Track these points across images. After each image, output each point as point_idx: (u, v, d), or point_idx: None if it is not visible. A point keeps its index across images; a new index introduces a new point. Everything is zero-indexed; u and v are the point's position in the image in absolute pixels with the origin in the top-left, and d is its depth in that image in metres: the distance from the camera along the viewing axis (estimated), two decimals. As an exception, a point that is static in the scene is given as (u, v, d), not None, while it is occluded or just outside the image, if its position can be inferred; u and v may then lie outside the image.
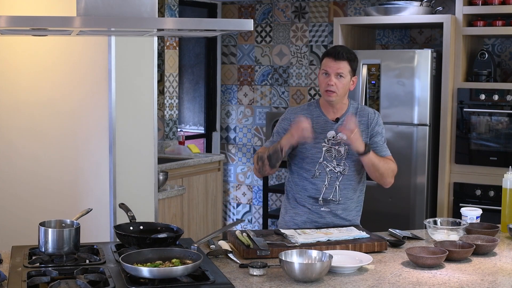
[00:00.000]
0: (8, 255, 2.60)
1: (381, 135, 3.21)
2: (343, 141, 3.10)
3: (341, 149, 3.14)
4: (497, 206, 3.55)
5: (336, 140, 3.13)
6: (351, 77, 3.12)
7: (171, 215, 4.92)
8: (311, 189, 3.17)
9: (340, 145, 3.13)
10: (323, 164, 3.14)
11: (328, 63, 3.10)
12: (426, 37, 5.65)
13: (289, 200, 3.29)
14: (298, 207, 3.22)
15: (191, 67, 6.69)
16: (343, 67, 3.08)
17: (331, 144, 3.13)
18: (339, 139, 3.12)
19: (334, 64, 3.08)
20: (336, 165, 3.14)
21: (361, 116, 3.19)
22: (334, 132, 3.14)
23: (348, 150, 3.13)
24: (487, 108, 4.87)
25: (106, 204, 3.34)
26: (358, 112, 3.20)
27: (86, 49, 3.37)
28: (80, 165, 3.43)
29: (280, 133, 3.19)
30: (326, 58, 3.12)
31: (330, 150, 3.14)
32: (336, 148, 3.13)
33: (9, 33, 2.64)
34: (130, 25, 2.38)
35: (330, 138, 3.14)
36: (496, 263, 2.66)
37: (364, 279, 2.41)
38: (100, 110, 3.34)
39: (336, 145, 3.13)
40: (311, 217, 3.18)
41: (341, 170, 3.15)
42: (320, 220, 3.18)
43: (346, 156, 3.14)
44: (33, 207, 3.52)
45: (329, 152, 3.14)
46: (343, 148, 3.13)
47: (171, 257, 2.38)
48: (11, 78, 3.58)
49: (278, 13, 6.32)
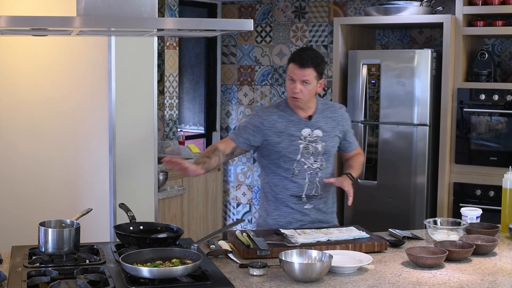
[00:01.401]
0: (8, 255, 2.60)
1: (351, 130, 3.32)
2: (319, 138, 3.15)
3: (318, 146, 3.15)
4: (497, 206, 3.55)
5: (312, 137, 3.14)
6: (317, 81, 3.12)
7: (171, 215, 4.92)
8: (292, 187, 3.15)
9: (317, 142, 3.15)
10: (301, 162, 3.13)
11: (293, 70, 3.08)
12: (426, 37, 5.65)
13: (269, 201, 3.23)
14: (281, 208, 3.18)
15: (191, 67, 6.69)
16: (309, 74, 3.06)
17: (307, 141, 3.14)
18: (315, 136, 3.14)
19: (299, 72, 3.06)
20: (313, 161, 3.15)
21: (331, 111, 3.23)
22: (309, 129, 3.15)
23: (325, 146, 3.16)
24: (487, 108, 4.87)
25: (106, 204, 3.34)
26: (328, 108, 3.24)
27: (86, 49, 3.37)
28: (80, 165, 3.43)
29: (248, 128, 3.14)
30: (292, 64, 3.09)
31: (308, 147, 3.14)
32: (313, 145, 3.14)
33: (9, 33, 2.64)
34: (130, 25, 2.38)
35: (306, 135, 3.14)
36: (496, 263, 2.66)
37: (364, 279, 2.42)
38: (100, 110, 3.34)
39: (313, 142, 3.14)
40: (296, 216, 3.17)
41: (319, 166, 3.16)
42: (305, 218, 3.17)
43: (324, 152, 3.16)
44: (33, 207, 3.52)
45: (306, 149, 3.13)
46: (320, 145, 3.16)
47: (171, 257, 2.38)
48: (11, 78, 3.58)
49: (278, 13, 6.32)
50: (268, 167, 3.20)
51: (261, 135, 3.13)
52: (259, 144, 3.15)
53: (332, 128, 3.20)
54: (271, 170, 3.18)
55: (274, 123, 3.13)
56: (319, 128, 3.16)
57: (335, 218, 3.31)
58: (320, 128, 3.16)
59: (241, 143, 3.14)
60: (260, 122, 3.14)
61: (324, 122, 3.19)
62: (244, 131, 3.15)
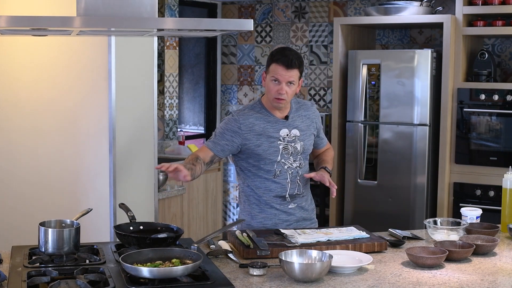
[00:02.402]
0: (8, 255, 2.60)
1: (321, 125, 3.32)
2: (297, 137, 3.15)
3: (297, 146, 3.15)
4: (497, 206, 3.55)
5: (290, 137, 3.13)
6: (298, 81, 3.09)
7: (171, 215, 4.92)
8: (275, 188, 3.12)
9: (295, 141, 3.14)
10: (281, 163, 3.11)
11: (279, 71, 3.01)
12: (426, 37, 5.65)
13: (252, 204, 3.16)
14: (266, 210, 3.14)
15: (191, 67, 6.69)
16: (294, 75, 3.02)
17: (286, 141, 3.12)
18: (293, 136, 3.14)
19: (285, 73, 3.00)
20: (293, 161, 3.14)
21: (304, 110, 3.22)
22: (287, 130, 3.13)
23: (304, 145, 3.16)
24: (487, 108, 4.87)
25: (106, 204, 3.34)
26: (301, 106, 3.23)
27: (86, 49, 3.36)
28: (80, 165, 3.43)
29: (226, 135, 3.07)
30: (276, 64, 3.02)
31: (287, 147, 3.12)
32: (292, 145, 3.14)
33: (9, 33, 2.64)
34: (130, 25, 2.38)
35: (285, 136, 3.12)
36: (496, 263, 2.66)
37: (364, 279, 2.41)
38: (100, 110, 3.33)
39: (291, 142, 3.13)
40: (281, 217, 3.14)
41: (298, 165, 3.15)
42: (290, 218, 3.16)
43: (302, 151, 3.16)
44: (33, 207, 3.52)
45: (286, 150, 3.12)
46: (299, 144, 3.15)
47: (171, 257, 2.38)
48: (11, 78, 3.58)
49: (278, 13, 6.32)
50: (248, 170, 3.14)
51: (240, 139, 3.07)
52: (238, 149, 3.10)
53: (307, 126, 3.20)
54: (251, 172, 3.13)
55: (252, 126, 3.08)
56: (296, 127, 3.15)
57: (315, 214, 3.32)
58: (297, 127, 3.15)
59: (219, 152, 3.07)
60: (238, 126, 3.07)
61: (300, 121, 3.18)
62: (222, 138, 3.08)
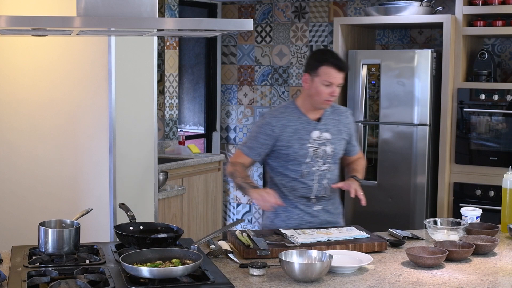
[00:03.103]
0: (8, 255, 2.60)
1: (355, 134, 3.35)
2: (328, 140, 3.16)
3: (327, 149, 3.16)
4: (497, 206, 3.55)
5: (321, 140, 3.15)
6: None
7: (171, 215, 4.92)
8: (301, 188, 3.15)
9: (326, 144, 3.16)
10: (310, 164, 3.13)
11: (332, 73, 3.06)
12: (426, 37, 5.65)
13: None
14: (290, 210, 3.17)
15: (191, 67, 6.69)
16: (343, 77, 3.11)
17: (317, 144, 3.14)
18: (324, 138, 3.15)
19: (338, 75, 3.07)
20: (322, 164, 3.15)
21: (338, 114, 3.24)
22: (318, 132, 3.15)
23: (334, 149, 3.17)
24: (487, 108, 4.87)
25: (106, 204, 3.33)
26: (335, 110, 3.25)
27: (86, 49, 3.36)
28: (80, 165, 3.43)
29: (260, 139, 3.12)
30: (328, 67, 3.06)
31: (317, 150, 3.14)
32: (322, 147, 3.15)
33: (9, 33, 2.64)
34: (130, 25, 2.38)
35: (316, 138, 3.14)
36: (496, 263, 2.66)
37: (364, 279, 2.42)
38: (100, 110, 3.33)
39: (322, 145, 3.15)
40: (305, 218, 3.17)
41: (327, 168, 3.17)
42: (313, 220, 3.17)
43: (333, 154, 3.17)
44: (33, 207, 3.52)
45: (315, 152, 3.13)
46: (329, 148, 3.16)
47: (171, 257, 2.38)
48: (11, 78, 3.58)
49: (278, 13, 6.32)
50: (276, 169, 3.19)
51: (273, 141, 3.12)
52: (271, 150, 3.15)
53: (339, 130, 3.21)
54: (279, 171, 3.18)
55: (285, 128, 3.12)
56: (327, 130, 3.17)
57: (342, 218, 3.32)
58: (328, 130, 3.17)
59: (255, 156, 3.15)
60: (271, 129, 3.12)
61: (332, 125, 3.19)
62: (256, 142, 3.13)
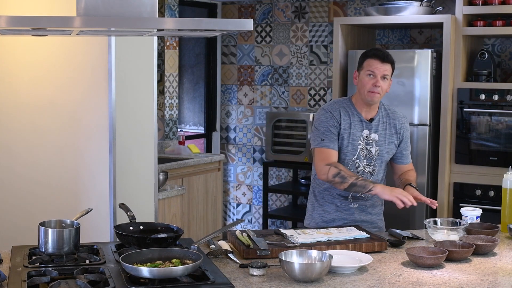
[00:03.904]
0: (8, 255, 2.60)
1: (408, 142, 3.30)
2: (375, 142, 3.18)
3: (372, 150, 3.19)
4: (497, 206, 3.55)
5: (368, 140, 3.18)
6: (390, 80, 3.19)
7: (171, 215, 4.92)
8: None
9: (372, 145, 3.18)
10: (355, 163, 3.18)
11: (374, 64, 3.13)
12: (426, 37, 5.65)
13: (316, 197, 3.29)
14: (326, 205, 3.24)
15: (191, 67, 6.69)
16: (388, 70, 3.15)
17: (365, 143, 3.18)
18: (371, 139, 3.18)
19: (381, 66, 3.12)
20: (366, 165, 3.19)
21: (392, 118, 3.26)
22: (368, 132, 3.19)
23: (379, 151, 3.19)
24: (487, 108, 4.87)
25: (106, 204, 3.33)
26: (390, 114, 3.26)
27: (86, 49, 3.36)
28: (80, 165, 3.43)
29: (331, 129, 3.14)
30: (371, 59, 3.15)
31: (363, 149, 3.18)
32: (368, 148, 3.18)
33: (9, 33, 2.64)
34: (130, 25, 2.38)
35: (364, 137, 3.19)
36: (496, 263, 2.66)
37: (364, 279, 2.42)
38: (100, 110, 3.33)
39: (368, 145, 3.18)
40: (339, 214, 3.23)
41: (370, 170, 3.20)
42: (348, 216, 3.22)
43: (377, 157, 3.19)
44: (33, 207, 3.52)
45: (362, 151, 3.18)
46: (374, 149, 3.19)
47: (171, 257, 2.38)
48: (12, 78, 3.58)
49: (278, 13, 6.32)
50: None
51: (339, 128, 3.17)
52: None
53: (389, 134, 3.23)
54: None
55: (342, 121, 3.18)
56: (376, 132, 3.20)
57: (382, 220, 3.35)
58: (378, 132, 3.20)
59: (336, 147, 3.16)
60: (337, 121, 3.16)
61: (382, 127, 3.21)
62: (331, 133, 3.15)
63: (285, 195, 6.35)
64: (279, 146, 5.97)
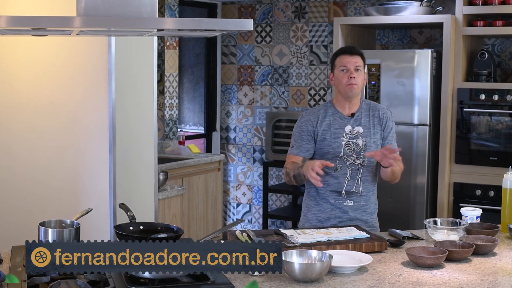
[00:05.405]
0: (8, 255, 2.60)
1: (393, 131, 3.35)
2: (360, 134, 3.24)
3: (359, 142, 3.24)
4: (497, 206, 3.55)
5: (353, 134, 3.24)
6: (364, 71, 3.27)
7: (171, 215, 4.92)
8: (333, 183, 3.24)
9: (357, 137, 3.24)
10: (344, 158, 3.23)
11: (345, 59, 3.24)
12: (426, 37, 5.65)
13: (311, 197, 3.34)
14: (321, 204, 3.28)
15: (191, 67, 6.69)
16: (359, 61, 3.24)
17: (349, 138, 3.24)
18: (356, 132, 3.24)
19: (351, 59, 3.23)
20: (356, 158, 3.24)
21: (374, 110, 3.32)
22: (351, 126, 3.25)
23: (366, 142, 3.24)
24: (487, 108, 4.87)
25: (106, 204, 3.33)
26: (371, 107, 3.33)
27: (86, 49, 3.36)
28: (80, 165, 3.43)
29: (304, 136, 3.27)
30: (340, 56, 3.26)
31: (349, 144, 3.23)
32: (354, 141, 3.24)
33: (9, 33, 2.64)
34: (130, 25, 2.38)
35: (348, 132, 3.24)
36: (496, 263, 2.66)
37: (364, 279, 2.41)
38: (100, 110, 3.33)
39: (353, 139, 3.24)
40: (334, 213, 3.25)
41: (361, 162, 3.24)
42: (343, 215, 3.24)
43: (365, 148, 3.23)
44: (33, 207, 3.52)
45: (348, 146, 3.23)
46: (361, 141, 3.24)
47: (171, 257, 2.38)
48: (12, 78, 3.57)
49: (278, 13, 6.32)
50: None
51: (314, 136, 3.27)
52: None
53: (373, 125, 3.29)
54: None
55: (321, 122, 3.26)
56: (360, 124, 3.26)
57: (376, 219, 3.37)
58: (361, 124, 3.27)
59: (305, 153, 3.28)
60: (311, 124, 3.28)
61: (366, 119, 3.28)
62: (301, 140, 3.28)
63: (285, 195, 6.36)
64: (279, 146, 5.97)
